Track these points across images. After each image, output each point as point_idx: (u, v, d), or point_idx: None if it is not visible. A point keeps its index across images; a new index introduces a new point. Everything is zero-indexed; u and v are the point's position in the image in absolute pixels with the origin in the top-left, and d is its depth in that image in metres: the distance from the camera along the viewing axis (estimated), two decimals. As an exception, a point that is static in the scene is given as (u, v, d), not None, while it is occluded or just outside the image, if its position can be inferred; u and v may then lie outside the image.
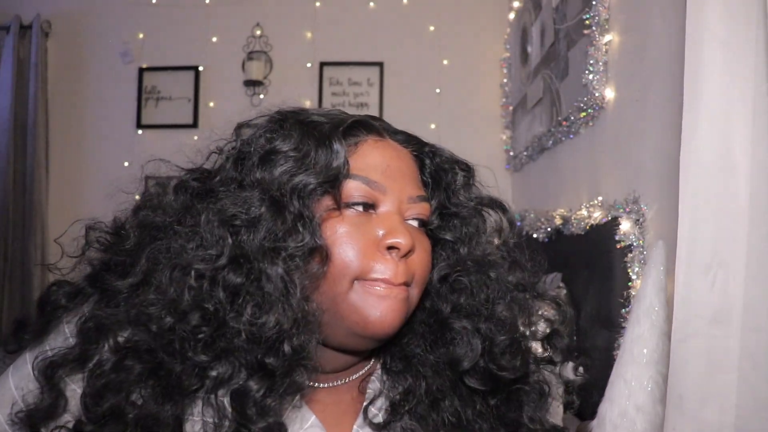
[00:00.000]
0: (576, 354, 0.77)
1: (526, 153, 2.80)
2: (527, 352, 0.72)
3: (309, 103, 3.46)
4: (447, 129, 3.36)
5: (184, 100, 3.53)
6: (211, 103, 3.55)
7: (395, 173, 0.67)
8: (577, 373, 0.77)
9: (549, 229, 2.24)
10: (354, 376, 0.72)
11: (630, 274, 1.53)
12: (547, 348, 0.75)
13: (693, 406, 0.86)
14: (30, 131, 3.40)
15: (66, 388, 0.60)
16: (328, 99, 3.50)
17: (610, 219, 1.66)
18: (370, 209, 0.65)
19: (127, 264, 0.63)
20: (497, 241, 0.75)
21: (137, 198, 0.69)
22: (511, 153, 3.18)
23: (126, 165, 3.31)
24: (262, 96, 3.53)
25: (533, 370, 0.72)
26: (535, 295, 0.74)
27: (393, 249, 0.63)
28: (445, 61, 3.48)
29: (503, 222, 0.76)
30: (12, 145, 3.39)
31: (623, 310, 1.52)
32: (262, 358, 0.58)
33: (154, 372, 0.59)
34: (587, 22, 1.88)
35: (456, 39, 3.47)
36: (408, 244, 0.63)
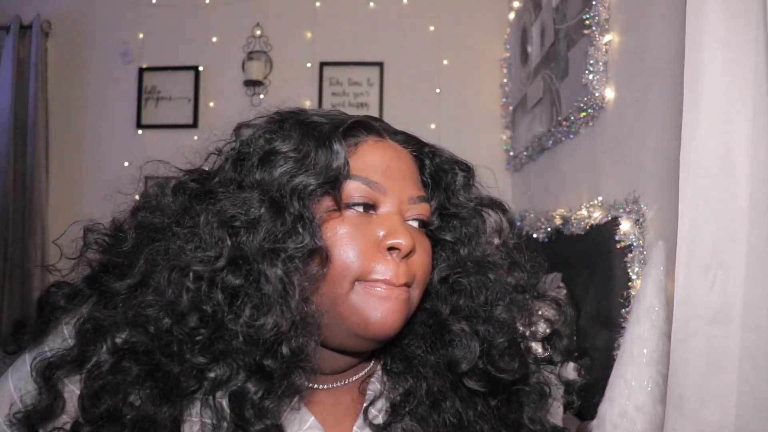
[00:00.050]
0: (576, 354, 0.77)
1: (526, 153, 2.80)
2: (527, 353, 0.72)
3: (309, 103, 3.46)
4: (447, 129, 3.36)
5: (184, 100, 3.53)
6: (211, 103, 3.55)
7: (395, 174, 0.67)
8: (579, 374, 0.77)
9: (549, 229, 2.24)
10: (354, 377, 0.72)
11: (630, 274, 1.52)
12: (548, 348, 0.75)
13: (693, 406, 0.85)
14: (30, 131, 3.40)
15: (64, 389, 0.60)
16: (328, 99, 3.50)
17: (610, 219, 1.66)
18: (370, 210, 0.65)
19: (126, 265, 0.63)
20: (497, 241, 0.75)
21: (137, 198, 0.69)
22: (511, 153, 3.18)
23: (126, 165, 3.30)
24: (262, 96, 3.53)
25: (533, 370, 0.72)
26: (536, 296, 0.74)
27: (394, 250, 0.63)
28: (445, 61, 3.48)
29: (503, 222, 0.76)
30: (12, 145, 3.39)
31: (623, 310, 1.52)
32: (260, 360, 0.58)
33: (151, 373, 0.59)
34: (587, 22, 1.88)
35: (456, 39, 3.46)
36: (409, 244, 0.63)
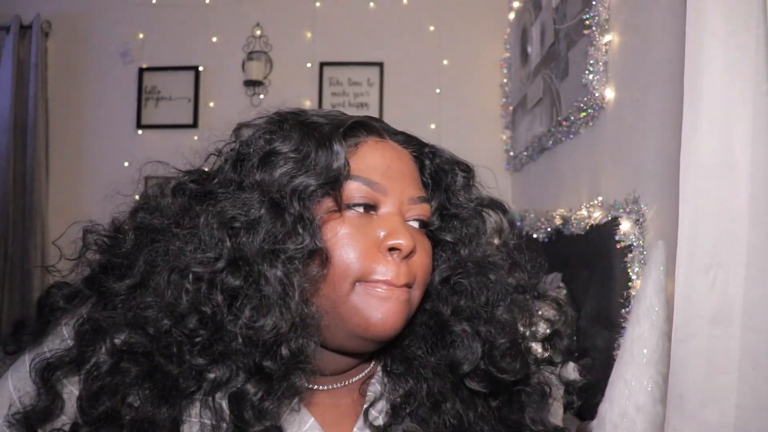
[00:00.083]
0: (577, 354, 0.77)
1: (526, 153, 2.80)
2: (528, 353, 0.71)
3: (309, 104, 3.46)
4: (447, 129, 3.36)
5: (184, 100, 3.53)
6: (211, 103, 3.55)
7: (396, 174, 0.66)
8: (579, 374, 0.77)
9: (549, 229, 2.24)
10: (354, 378, 0.72)
11: (630, 274, 1.52)
12: (548, 349, 0.75)
13: (693, 406, 0.85)
14: (30, 131, 3.40)
15: (63, 390, 0.60)
16: (328, 99, 3.50)
17: (610, 219, 1.66)
18: (370, 210, 0.65)
19: (125, 266, 0.63)
20: (497, 242, 0.75)
21: (137, 199, 0.69)
22: (511, 153, 3.18)
23: (126, 165, 3.30)
24: (262, 96, 3.53)
25: (534, 371, 0.72)
26: (536, 296, 0.74)
27: (394, 250, 0.63)
28: (445, 61, 3.48)
29: (503, 223, 0.76)
30: (12, 145, 3.39)
31: (623, 310, 1.52)
32: (259, 361, 0.58)
33: (150, 374, 0.58)
34: (587, 22, 1.87)
35: (456, 39, 3.46)
36: (409, 245, 0.63)
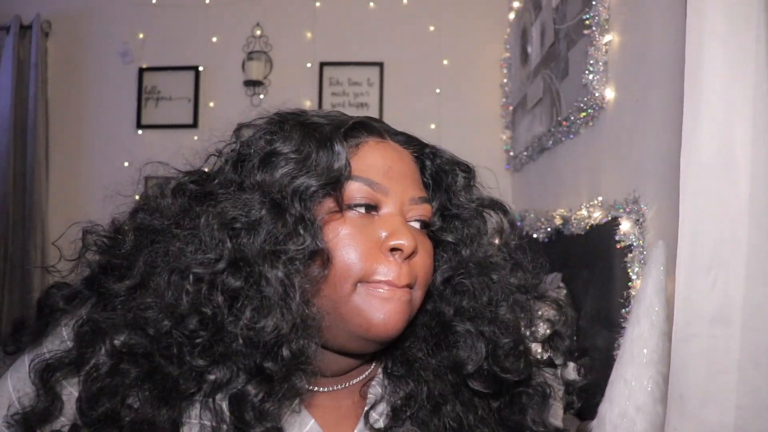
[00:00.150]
0: (577, 355, 0.77)
1: (526, 153, 2.80)
2: (530, 353, 0.71)
3: (309, 104, 3.46)
4: (447, 129, 3.36)
5: (184, 100, 3.53)
6: (211, 103, 3.55)
7: (397, 175, 0.66)
8: (579, 374, 0.77)
9: (549, 229, 2.24)
10: (354, 380, 0.71)
11: (630, 274, 1.52)
12: (548, 349, 0.75)
13: (694, 406, 0.85)
14: (30, 131, 3.40)
15: (62, 391, 0.60)
16: (328, 99, 3.50)
17: (610, 219, 1.66)
18: (372, 211, 0.65)
19: (125, 267, 0.62)
20: (497, 241, 0.75)
21: (137, 199, 0.69)
22: (511, 153, 3.18)
23: (126, 165, 3.30)
24: (262, 96, 3.53)
25: (535, 372, 0.72)
26: (536, 297, 0.74)
27: (396, 251, 0.63)
28: (445, 61, 3.48)
29: (504, 223, 0.76)
30: (12, 145, 3.39)
31: (623, 310, 1.52)
32: (260, 362, 0.58)
33: (150, 376, 0.58)
34: (587, 22, 1.87)
35: (456, 39, 3.46)
36: (411, 245, 0.63)
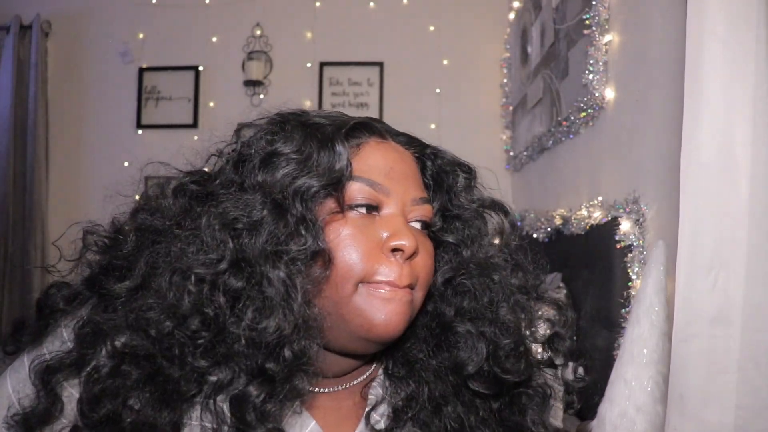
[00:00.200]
0: (577, 355, 0.77)
1: (526, 153, 2.80)
2: (530, 354, 0.71)
3: (309, 104, 3.46)
4: (447, 129, 3.36)
5: (184, 100, 3.53)
6: (211, 103, 3.55)
7: (398, 175, 0.66)
8: (578, 375, 0.77)
9: (549, 229, 2.24)
10: (355, 381, 0.71)
11: (630, 274, 1.52)
12: (548, 350, 0.75)
13: (694, 406, 0.86)
14: (30, 131, 3.40)
15: (63, 392, 0.60)
16: (328, 99, 3.50)
17: (610, 219, 1.66)
18: (373, 211, 0.65)
19: (126, 268, 0.62)
20: (497, 241, 0.75)
21: (137, 199, 0.69)
22: (511, 153, 3.18)
23: (126, 165, 3.31)
24: (262, 96, 3.53)
25: (535, 372, 0.72)
26: (536, 297, 0.74)
27: (397, 251, 0.63)
28: (445, 61, 3.48)
29: (505, 224, 0.76)
30: (12, 145, 3.39)
31: (623, 310, 1.52)
32: (262, 363, 0.58)
33: (151, 377, 0.58)
34: (587, 22, 1.88)
35: (456, 39, 3.46)
36: (412, 245, 0.62)
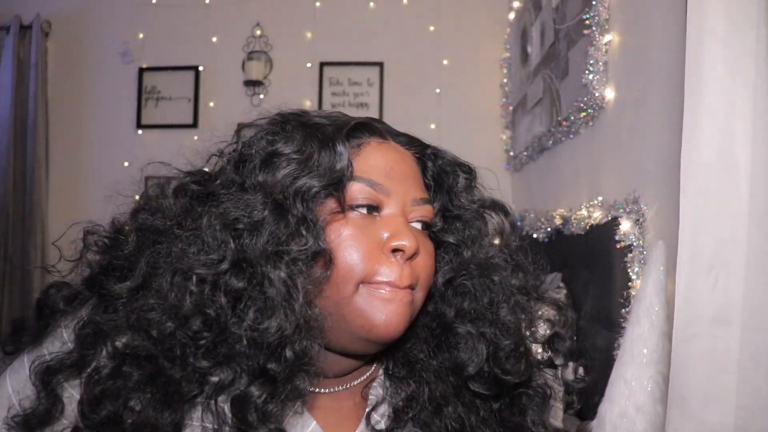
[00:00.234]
0: (577, 356, 0.77)
1: (526, 153, 2.80)
2: (530, 355, 0.71)
3: (309, 104, 3.46)
4: (447, 129, 3.36)
5: (184, 100, 3.53)
6: (211, 103, 3.55)
7: (399, 175, 0.66)
8: (578, 375, 0.77)
9: (549, 229, 2.24)
10: (356, 381, 0.71)
11: (630, 274, 1.52)
12: (548, 350, 0.75)
13: (695, 406, 0.86)
14: (30, 131, 3.40)
15: (63, 393, 0.60)
16: (328, 99, 3.50)
17: (610, 219, 1.66)
18: (374, 212, 0.65)
19: (126, 268, 0.62)
20: (497, 241, 0.75)
21: (137, 198, 0.69)
22: (511, 153, 3.18)
23: (126, 165, 3.31)
24: (262, 96, 3.53)
25: (535, 373, 0.72)
26: (537, 298, 0.74)
27: (398, 251, 0.63)
28: (445, 61, 3.48)
29: (505, 225, 0.76)
30: (12, 145, 3.39)
31: (623, 310, 1.52)
32: (263, 363, 0.58)
33: (152, 378, 0.58)
34: (587, 22, 1.88)
35: (456, 39, 3.46)
36: (413, 246, 0.62)
